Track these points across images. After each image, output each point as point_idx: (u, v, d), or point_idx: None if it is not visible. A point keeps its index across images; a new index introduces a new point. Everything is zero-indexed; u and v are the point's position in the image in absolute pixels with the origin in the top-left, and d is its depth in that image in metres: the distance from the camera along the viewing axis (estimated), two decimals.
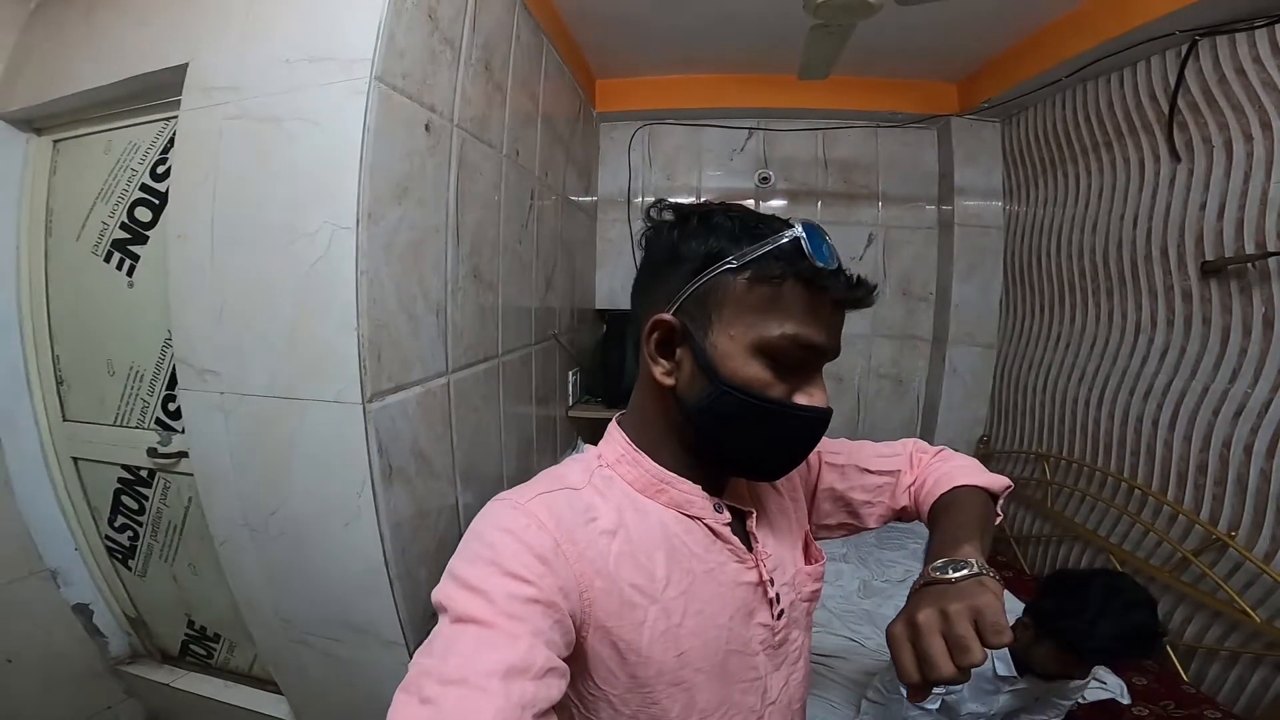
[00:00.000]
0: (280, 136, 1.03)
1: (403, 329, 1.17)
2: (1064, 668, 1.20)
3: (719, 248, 0.55)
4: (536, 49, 1.87)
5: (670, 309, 0.57)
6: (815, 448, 0.61)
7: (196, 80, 1.12)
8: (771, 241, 0.54)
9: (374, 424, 1.10)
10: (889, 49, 2.31)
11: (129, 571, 1.69)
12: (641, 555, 0.57)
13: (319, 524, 1.19)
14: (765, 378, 0.55)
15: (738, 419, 0.56)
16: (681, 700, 0.58)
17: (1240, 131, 1.65)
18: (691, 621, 0.58)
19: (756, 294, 0.54)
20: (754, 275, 0.54)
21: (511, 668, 0.43)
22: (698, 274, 0.56)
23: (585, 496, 0.59)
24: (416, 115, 1.16)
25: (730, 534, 0.63)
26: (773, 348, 0.54)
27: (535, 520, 0.53)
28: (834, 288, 0.54)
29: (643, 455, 0.62)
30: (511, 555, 0.50)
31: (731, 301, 0.55)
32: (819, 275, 0.53)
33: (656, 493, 0.61)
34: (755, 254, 0.54)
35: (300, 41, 1.04)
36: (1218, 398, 1.71)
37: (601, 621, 0.54)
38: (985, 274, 2.75)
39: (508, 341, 1.71)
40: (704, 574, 0.60)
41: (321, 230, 1.01)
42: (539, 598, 0.48)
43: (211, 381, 1.18)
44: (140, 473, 1.58)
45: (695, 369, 0.57)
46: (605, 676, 0.56)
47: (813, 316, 0.54)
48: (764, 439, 0.58)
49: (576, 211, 2.52)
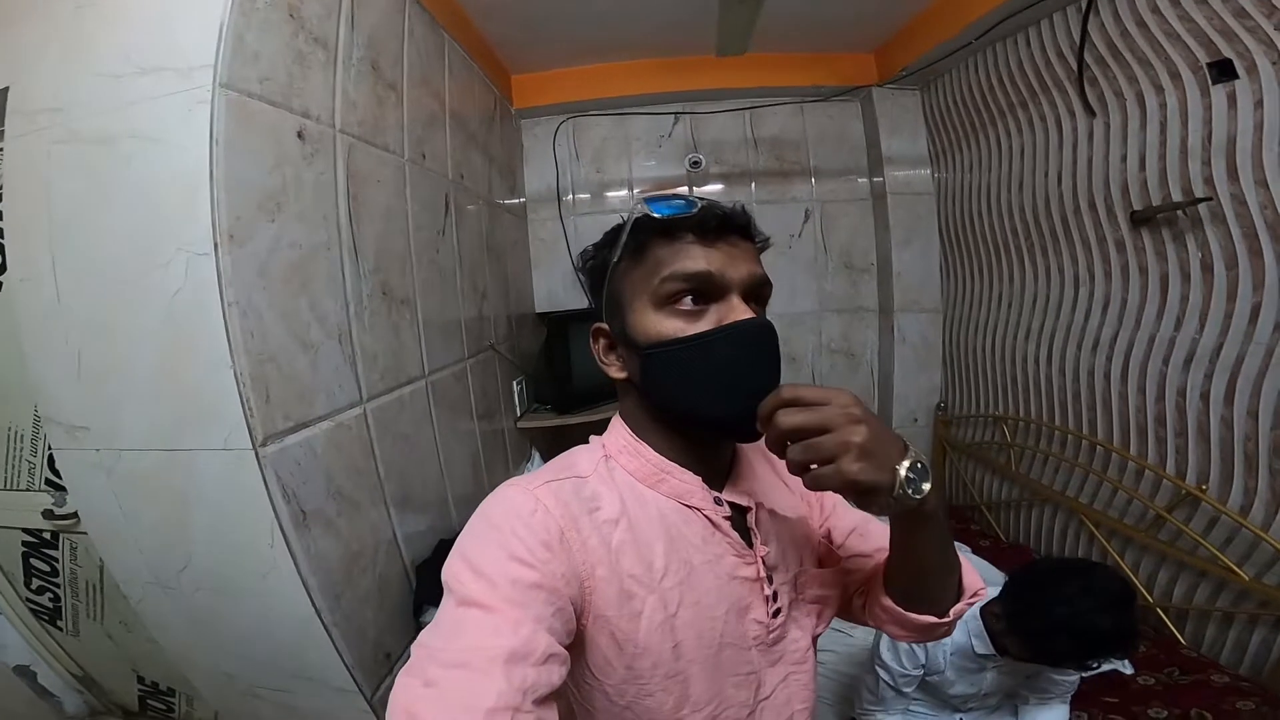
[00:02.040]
0: (115, 158, 0.90)
1: (297, 360, 1.07)
2: (1035, 660, 1.17)
3: (604, 256, 0.64)
4: (436, 46, 1.76)
5: (602, 319, 0.66)
6: (777, 368, 0.60)
7: (18, 104, 0.98)
8: (627, 224, 0.61)
9: (273, 469, 0.99)
10: (803, 22, 2.28)
11: (60, 631, 1.61)
12: (642, 545, 0.58)
13: (235, 579, 1.08)
14: (676, 324, 0.58)
15: (674, 371, 0.58)
16: (676, 692, 0.58)
17: (1150, 83, 1.67)
18: (686, 612, 0.58)
19: (638, 268, 0.61)
20: (630, 257, 0.61)
21: (513, 653, 0.44)
22: (602, 282, 0.64)
23: (591, 484, 0.60)
24: (284, 122, 1.04)
25: (730, 527, 0.63)
26: (665, 295, 0.58)
27: (543, 506, 0.55)
28: (685, 224, 0.58)
29: (644, 445, 0.63)
30: (518, 540, 0.52)
31: (627, 287, 0.61)
32: (670, 222, 0.58)
33: (657, 482, 0.62)
34: (622, 241, 0.61)
35: (129, 53, 0.91)
36: (1165, 345, 1.71)
37: (601, 611, 0.55)
38: (922, 241, 2.76)
39: (435, 359, 1.61)
40: (701, 565, 0.60)
41: (175, 259, 0.89)
42: (543, 583, 0.50)
43: (83, 438, 1.05)
44: (43, 535, 1.50)
45: (629, 351, 0.62)
46: (602, 666, 0.57)
47: (683, 254, 0.58)
48: (704, 377, 0.58)
49: (503, 214, 2.42)
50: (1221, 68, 1.48)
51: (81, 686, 1.67)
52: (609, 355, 0.66)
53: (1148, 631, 1.68)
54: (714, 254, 0.58)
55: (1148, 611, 1.75)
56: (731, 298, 0.58)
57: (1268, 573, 1.47)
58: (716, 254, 0.58)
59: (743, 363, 0.58)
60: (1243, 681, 1.44)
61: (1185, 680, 1.48)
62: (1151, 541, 1.75)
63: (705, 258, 0.58)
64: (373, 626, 1.23)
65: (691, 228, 0.58)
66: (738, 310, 0.58)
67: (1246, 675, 1.49)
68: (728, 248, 0.59)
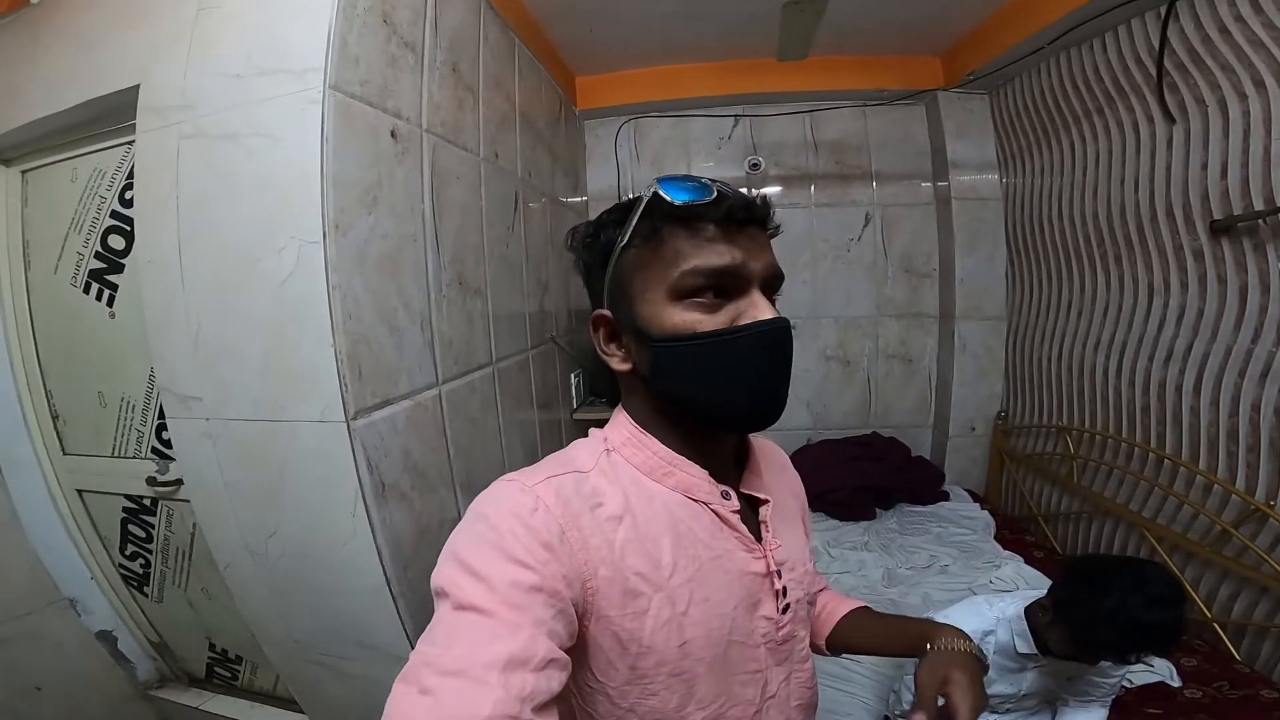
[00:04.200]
0: (238, 153, 1.00)
1: (385, 342, 1.15)
2: (1078, 655, 1.16)
3: (609, 237, 0.59)
4: (507, 49, 1.84)
5: (603, 305, 0.61)
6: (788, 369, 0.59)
7: (149, 101, 1.09)
8: (638, 206, 0.57)
9: (360, 441, 1.07)
10: (867, 25, 2.26)
11: (145, 598, 1.69)
12: (648, 542, 0.56)
13: (317, 545, 1.17)
14: (693, 317, 0.55)
15: (686, 366, 0.56)
16: (680, 691, 0.57)
17: (1233, 90, 1.61)
18: (696, 610, 0.57)
19: (651, 254, 0.56)
20: (641, 241, 0.57)
21: (512, 659, 0.43)
22: (605, 266, 0.60)
23: (592, 480, 0.58)
24: (380, 122, 1.13)
25: (739, 522, 0.61)
26: (683, 288, 0.55)
27: (542, 505, 0.52)
28: (709, 214, 0.55)
29: (650, 437, 0.61)
30: (516, 541, 0.49)
31: (637, 273, 0.57)
32: (689, 210, 0.54)
33: (664, 475, 0.60)
34: (632, 224, 0.57)
35: (249, 54, 1.01)
36: (1242, 358, 1.64)
37: (604, 611, 0.53)
38: (988, 246, 2.69)
39: (502, 348, 1.68)
40: (710, 560, 0.59)
41: (289, 246, 0.98)
42: (542, 586, 0.48)
43: (195, 408, 1.16)
44: (143, 501, 1.58)
45: (636, 342, 0.59)
46: (604, 668, 0.55)
47: (705, 246, 0.55)
48: (722, 374, 0.56)
49: (567, 212, 2.49)
50: None
51: (156, 654, 1.76)
52: (610, 345, 0.62)
53: (1201, 646, 1.64)
54: (737, 248, 0.55)
55: (1203, 626, 1.70)
56: (753, 291, 0.56)
57: None
58: (738, 247, 0.55)
59: (764, 363, 0.56)
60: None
61: (1234, 695, 1.44)
62: (1214, 556, 1.69)
63: (730, 252, 0.54)
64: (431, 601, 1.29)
65: (715, 218, 0.55)
66: (759, 306, 0.56)
67: None
68: (748, 241, 0.56)
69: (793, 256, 2.81)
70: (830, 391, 2.95)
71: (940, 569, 2.09)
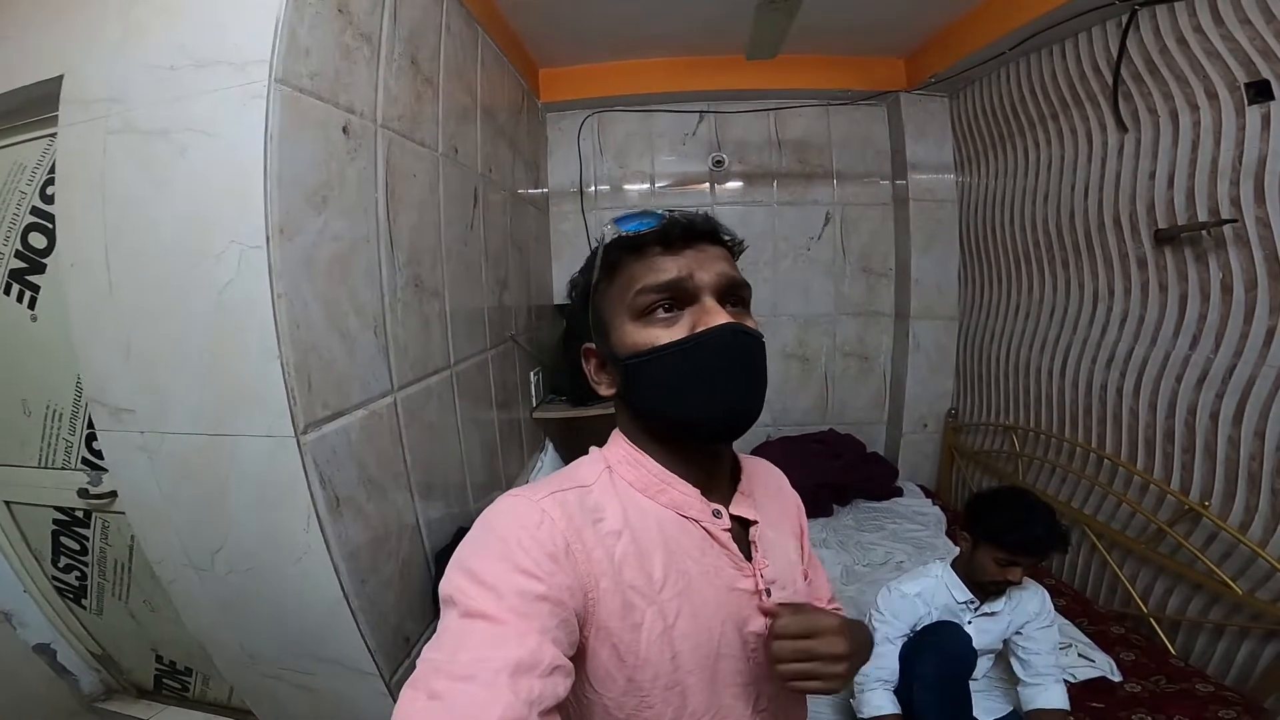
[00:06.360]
0: (170, 149, 0.92)
1: (336, 350, 1.09)
2: (999, 567, 1.32)
3: (586, 279, 0.67)
4: (470, 40, 1.78)
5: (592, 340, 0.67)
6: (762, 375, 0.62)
7: (73, 92, 1.00)
8: (600, 245, 0.64)
9: (312, 457, 1.02)
10: (835, 26, 2.27)
11: (84, 610, 1.63)
12: (643, 556, 0.58)
13: (268, 560, 1.11)
14: (653, 333, 0.59)
15: (652, 379, 0.60)
16: (675, 704, 0.58)
17: (1185, 101, 1.65)
18: (685, 623, 0.58)
19: (613, 287, 0.63)
20: (606, 276, 0.64)
21: (520, 664, 0.44)
22: (586, 306, 0.67)
23: (595, 495, 0.60)
24: (331, 117, 1.06)
25: (729, 539, 0.63)
26: (639, 307, 0.60)
27: (548, 518, 0.54)
28: (652, 237, 0.60)
29: (644, 455, 0.63)
30: (523, 551, 0.51)
31: (608, 305, 0.63)
32: (639, 239, 0.61)
33: (657, 492, 0.62)
34: (598, 262, 0.64)
35: (185, 45, 0.93)
36: (1180, 364, 1.72)
37: (604, 622, 0.55)
38: (943, 247, 2.76)
39: (460, 350, 1.63)
40: (699, 576, 0.60)
41: (228, 250, 0.92)
42: (548, 595, 0.49)
43: (128, 421, 1.08)
44: (75, 513, 1.51)
45: (614, 366, 0.63)
46: (602, 679, 0.56)
47: (652, 266, 0.60)
48: (684, 383, 0.59)
49: (526, 206, 2.43)
50: (1259, 88, 1.47)
51: (99, 665, 1.70)
52: (600, 374, 0.67)
53: (1139, 640, 1.72)
54: (681, 261, 0.59)
55: (1139, 621, 1.80)
56: (705, 300, 0.59)
57: (1261, 588, 1.50)
58: (684, 261, 0.59)
59: (720, 367, 0.58)
60: (1227, 691, 1.48)
61: (1171, 689, 1.51)
62: (1151, 554, 1.77)
63: (674, 265, 0.59)
64: (394, 611, 1.26)
65: (657, 240, 0.60)
66: (712, 313, 0.58)
67: (1231, 685, 1.52)
68: (694, 254, 0.60)
69: (754, 255, 2.82)
70: (790, 389, 2.99)
71: (895, 565, 2.15)
